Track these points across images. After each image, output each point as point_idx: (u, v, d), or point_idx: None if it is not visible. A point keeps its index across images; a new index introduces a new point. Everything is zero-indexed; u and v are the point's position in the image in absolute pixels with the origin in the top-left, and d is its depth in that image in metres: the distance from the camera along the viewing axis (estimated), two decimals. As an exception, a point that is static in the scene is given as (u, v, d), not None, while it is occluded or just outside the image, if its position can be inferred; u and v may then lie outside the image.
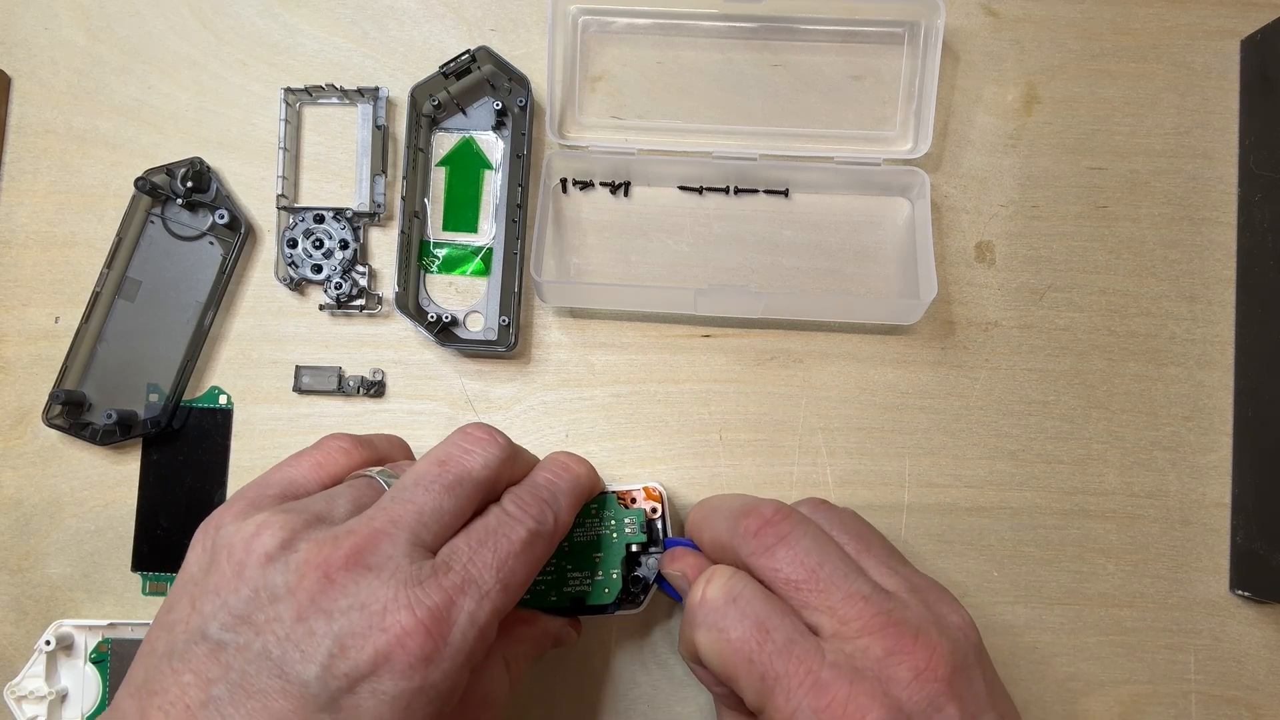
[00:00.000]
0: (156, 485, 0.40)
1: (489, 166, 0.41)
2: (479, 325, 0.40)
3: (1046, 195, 0.41)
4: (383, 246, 0.41)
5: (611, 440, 0.40)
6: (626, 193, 0.41)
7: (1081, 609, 0.39)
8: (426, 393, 0.40)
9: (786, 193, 0.41)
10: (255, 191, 0.41)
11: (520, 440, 0.39)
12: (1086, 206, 0.41)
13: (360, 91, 0.41)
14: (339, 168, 0.41)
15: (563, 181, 0.41)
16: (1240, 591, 0.38)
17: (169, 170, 0.40)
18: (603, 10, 0.41)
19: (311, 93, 0.41)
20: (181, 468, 0.40)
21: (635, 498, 0.35)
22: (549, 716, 0.38)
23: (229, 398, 0.40)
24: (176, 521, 0.39)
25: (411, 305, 0.40)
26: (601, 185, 0.41)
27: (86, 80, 0.42)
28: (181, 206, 0.40)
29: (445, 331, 0.40)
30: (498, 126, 0.41)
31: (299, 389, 0.40)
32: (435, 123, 0.41)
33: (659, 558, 0.35)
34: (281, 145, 0.40)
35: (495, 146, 0.41)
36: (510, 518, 0.29)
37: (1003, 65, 0.41)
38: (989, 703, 0.28)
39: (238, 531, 0.26)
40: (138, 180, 0.39)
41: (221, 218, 0.39)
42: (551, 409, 0.40)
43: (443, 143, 0.41)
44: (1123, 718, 0.38)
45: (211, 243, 0.40)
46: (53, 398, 0.38)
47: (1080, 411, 0.40)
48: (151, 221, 0.40)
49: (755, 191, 0.41)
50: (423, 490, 0.28)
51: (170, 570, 0.39)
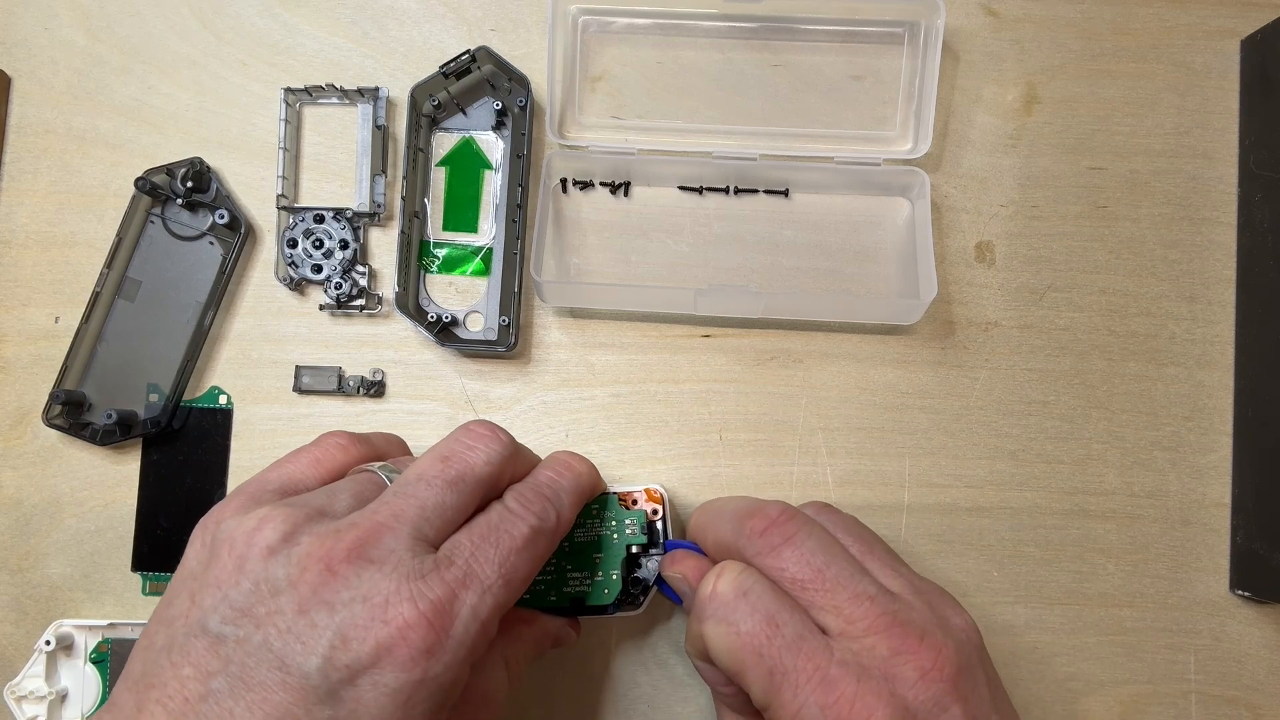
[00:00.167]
0: (156, 485, 0.40)
1: (489, 166, 0.41)
2: (479, 325, 0.40)
3: (1046, 195, 0.41)
4: (383, 246, 0.41)
5: (611, 440, 0.40)
6: (626, 193, 0.41)
7: (1081, 609, 0.39)
8: (426, 393, 0.40)
9: (786, 193, 0.41)
10: (255, 191, 0.41)
11: (520, 440, 0.39)
12: (1086, 206, 0.41)
13: (360, 91, 0.41)
14: (339, 168, 0.41)
15: (563, 181, 0.41)
16: (1240, 591, 0.38)
17: (169, 170, 0.40)
18: (603, 10, 0.41)
19: (311, 93, 0.41)
20: (181, 468, 0.40)
21: (636, 499, 0.35)
22: (549, 717, 0.38)
23: (229, 398, 0.40)
24: (176, 521, 0.39)
25: (411, 305, 0.40)
26: (601, 185, 0.41)
27: (86, 80, 0.42)
28: (181, 206, 0.40)
29: (445, 331, 0.40)
30: (498, 126, 0.41)
31: (299, 389, 0.40)
32: (435, 123, 0.41)
33: (659, 560, 0.35)
34: (281, 145, 0.40)
35: (495, 146, 0.41)
36: (512, 514, 0.29)
37: (1003, 65, 0.41)
38: (992, 704, 0.28)
39: (238, 525, 0.26)
40: (138, 180, 0.39)
41: (221, 218, 0.39)
42: (551, 409, 0.40)
43: (443, 143, 0.41)
44: (1123, 718, 0.38)
45: (211, 243, 0.40)
46: (53, 398, 0.38)
47: (1080, 411, 0.40)
48: (151, 221, 0.40)
49: (755, 191, 0.41)
50: (425, 485, 0.28)
51: (170, 570, 0.39)
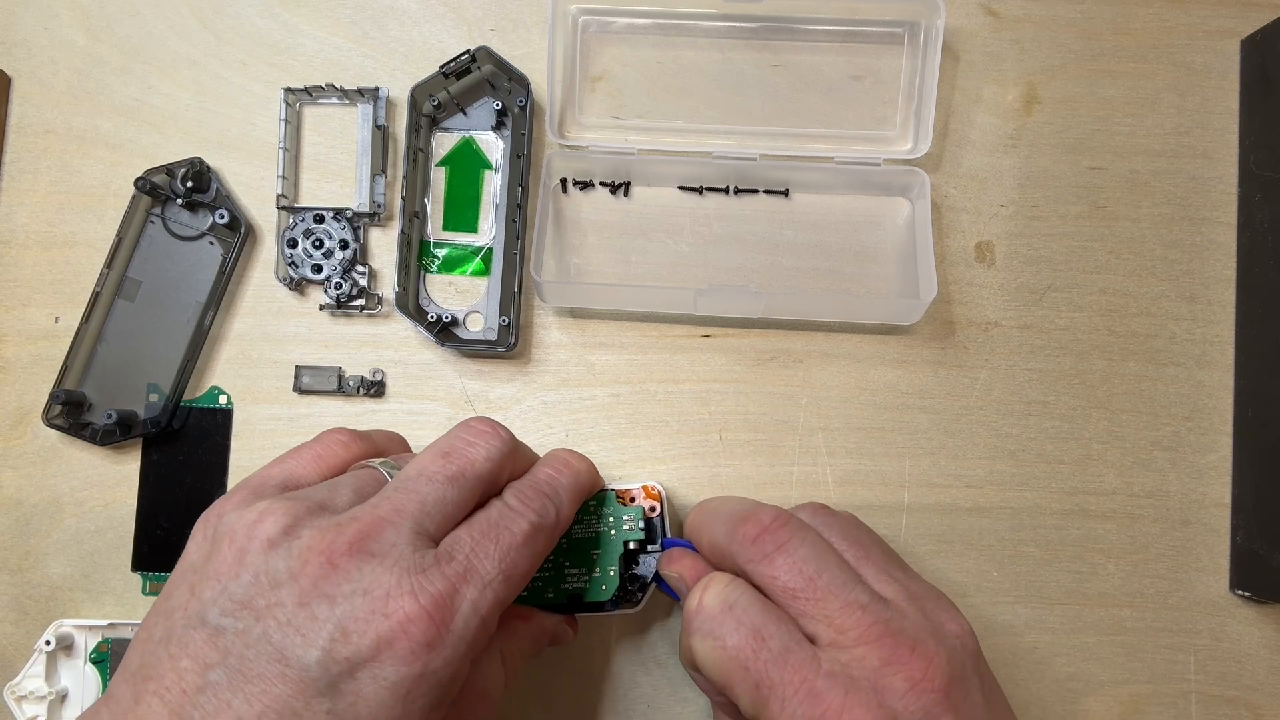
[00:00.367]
0: (156, 485, 0.40)
1: (489, 166, 0.41)
2: (479, 325, 0.40)
3: (1046, 195, 0.41)
4: (383, 246, 0.41)
5: (611, 440, 0.40)
6: (626, 193, 0.41)
7: (1081, 609, 0.39)
8: (426, 393, 0.40)
9: (786, 193, 0.41)
10: (255, 191, 0.41)
11: (520, 440, 0.39)
12: (1086, 206, 0.41)
13: (360, 91, 0.41)
14: (339, 168, 0.41)
15: (563, 181, 0.41)
16: (1240, 591, 0.38)
17: (169, 170, 0.40)
18: (603, 10, 0.41)
19: (311, 93, 0.41)
20: (181, 468, 0.40)
21: (634, 496, 0.35)
22: (549, 717, 0.38)
23: (229, 398, 0.40)
24: (176, 521, 0.39)
25: (411, 305, 0.40)
26: (601, 185, 0.41)
27: (86, 80, 0.42)
28: (181, 206, 0.40)
29: (445, 331, 0.40)
30: (498, 126, 0.41)
31: (299, 389, 0.40)
32: (435, 123, 0.41)
33: (657, 558, 0.35)
34: (281, 145, 0.40)
35: (495, 146, 0.41)
36: (512, 511, 0.29)
37: (1003, 65, 0.41)
38: (985, 713, 0.28)
39: (240, 518, 0.26)
40: (138, 180, 0.39)
41: (221, 218, 0.39)
42: (551, 409, 0.40)
43: (443, 143, 0.41)
44: (1123, 718, 0.38)
45: (211, 243, 0.40)
46: (53, 398, 0.38)
47: (1080, 411, 0.40)
48: (151, 221, 0.40)
49: (755, 191, 0.41)
50: (426, 481, 0.28)
51: (170, 570, 0.39)
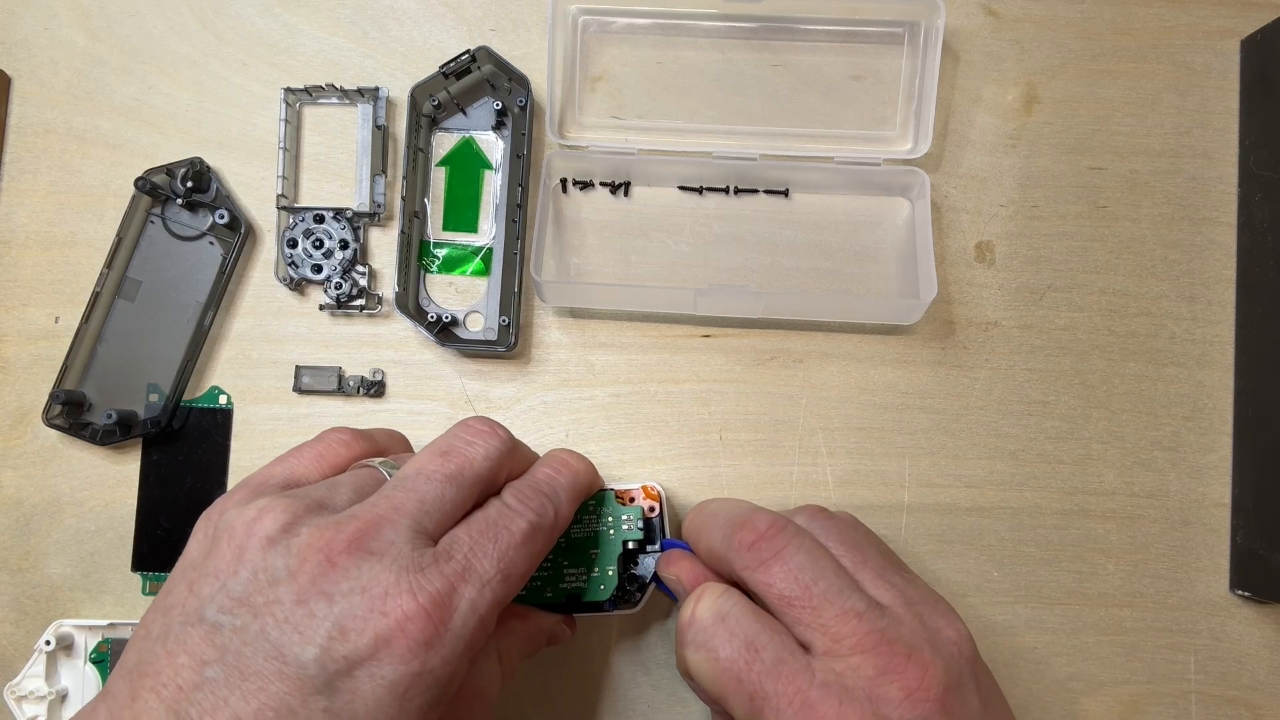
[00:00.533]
0: (156, 485, 0.40)
1: (489, 166, 0.41)
2: (479, 325, 0.40)
3: (1046, 195, 0.41)
4: (383, 246, 0.41)
5: (611, 440, 0.40)
6: (626, 193, 0.41)
7: (1081, 609, 0.39)
8: (426, 393, 0.40)
9: (786, 193, 0.41)
10: (255, 191, 0.41)
11: (520, 440, 0.39)
12: (1086, 206, 0.41)
13: (360, 91, 0.41)
14: (339, 168, 0.41)
15: (563, 181, 0.41)
16: (1240, 591, 0.38)
17: (169, 170, 0.40)
18: (603, 10, 0.41)
19: (311, 93, 0.41)
20: (181, 468, 0.40)
21: (634, 496, 0.35)
22: (549, 717, 0.38)
23: (229, 398, 0.40)
24: (176, 521, 0.39)
25: (411, 305, 0.40)
26: (601, 185, 0.41)
27: (86, 80, 0.42)
28: (181, 206, 0.40)
29: (445, 331, 0.40)
30: (498, 126, 0.41)
31: (299, 389, 0.40)
32: (435, 123, 0.41)
33: (656, 559, 0.35)
34: (281, 145, 0.40)
35: (495, 146, 0.41)
36: (511, 510, 0.29)
37: (1003, 65, 0.41)
38: (988, 714, 0.28)
39: (239, 516, 0.26)
40: (138, 180, 0.39)
41: (221, 218, 0.39)
42: (551, 409, 0.40)
43: (443, 143, 0.41)
44: (1123, 718, 0.38)
45: (211, 243, 0.40)
46: (53, 398, 0.38)
47: (1080, 411, 0.40)
48: (151, 221, 0.40)
49: (755, 191, 0.41)
50: (425, 479, 0.28)
51: (170, 570, 0.39)
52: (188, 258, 0.40)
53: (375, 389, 0.40)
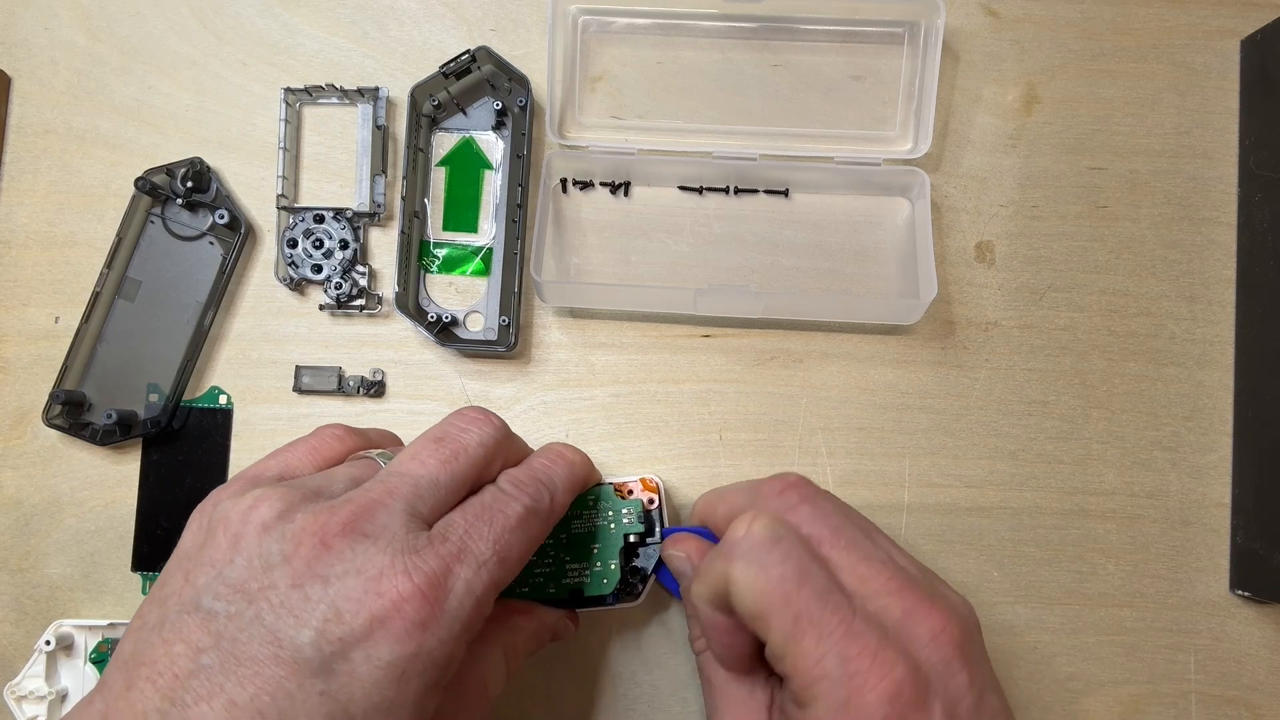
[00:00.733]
0: (156, 485, 0.40)
1: (489, 166, 0.41)
2: (479, 325, 0.40)
3: (1046, 195, 0.41)
4: (383, 246, 0.41)
5: (611, 440, 0.40)
6: (626, 193, 0.41)
7: (1081, 609, 0.39)
8: (426, 393, 0.40)
9: (786, 193, 0.41)
10: (255, 191, 0.41)
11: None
12: (1086, 206, 0.41)
13: (360, 91, 0.41)
14: (339, 168, 0.41)
15: (563, 181, 0.41)
16: (1240, 591, 0.38)
17: (169, 170, 0.40)
18: (603, 10, 0.41)
19: (311, 93, 0.41)
20: (181, 468, 0.40)
21: (632, 489, 0.35)
22: (550, 716, 0.38)
23: (229, 398, 0.40)
24: (176, 521, 0.39)
25: (411, 305, 0.40)
26: (601, 185, 0.41)
27: (86, 80, 0.42)
28: (181, 206, 0.40)
29: (445, 331, 0.40)
30: (498, 126, 0.41)
31: (299, 389, 0.40)
32: (435, 123, 0.41)
33: (660, 544, 0.35)
34: (281, 145, 0.40)
35: (495, 146, 0.41)
36: (506, 495, 0.29)
37: (1003, 65, 0.41)
38: (993, 681, 0.28)
39: (235, 505, 0.26)
40: (138, 180, 0.39)
41: (221, 218, 0.39)
42: (551, 409, 0.40)
43: (443, 143, 0.41)
44: (1123, 718, 0.38)
45: (211, 243, 0.40)
46: (53, 398, 0.38)
47: (1080, 411, 0.40)
48: (151, 221, 0.40)
49: (755, 191, 0.41)
50: (419, 464, 0.28)
51: (170, 570, 0.39)
52: (188, 258, 0.40)
53: (375, 389, 0.40)
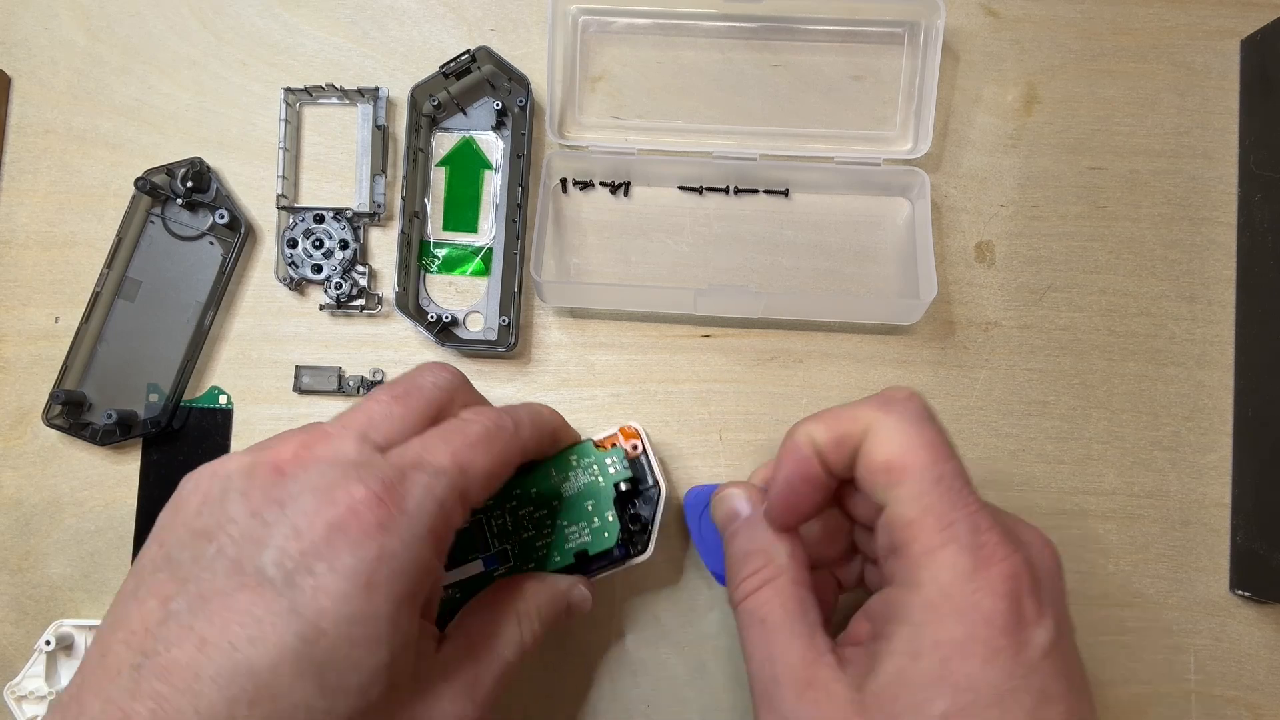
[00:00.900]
0: (156, 485, 0.40)
1: (489, 166, 0.41)
2: (479, 325, 0.40)
3: (1046, 195, 0.41)
4: (383, 246, 0.41)
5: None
6: (626, 193, 0.41)
7: (1081, 609, 0.38)
8: (426, 393, 0.40)
9: (786, 193, 0.41)
10: (255, 191, 0.41)
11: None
12: (1086, 206, 0.41)
13: (360, 91, 0.41)
14: (339, 168, 0.41)
15: (563, 181, 0.41)
16: (1240, 591, 0.38)
17: (169, 170, 0.40)
18: (603, 10, 0.41)
19: (311, 93, 0.41)
20: (181, 468, 0.39)
21: (614, 441, 0.35)
22: (549, 716, 0.38)
23: (229, 398, 0.40)
24: (176, 521, 0.39)
25: (411, 305, 0.40)
26: (601, 185, 0.41)
27: (86, 80, 0.42)
28: (181, 206, 0.40)
29: (445, 331, 0.40)
30: (498, 126, 0.41)
31: (299, 389, 0.40)
32: (435, 123, 0.41)
33: (708, 500, 0.33)
34: (281, 145, 0.40)
35: (495, 146, 0.41)
36: (464, 420, 0.29)
37: (1003, 65, 0.41)
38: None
39: (200, 470, 0.27)
40: (138, 180, 0.39)
41: (221, 218, 0.39)
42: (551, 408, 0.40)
43: (443, 143, 0.41)
44: (1123, 718, 0.38)
45: (211, 243, 0.40)
46: (53, 398, 0.38)
47: (1080, 411, 0.40)
48: (151, 221, 0.40)
49: (755, 191, 0.41)
50: (372, 401, 0.28)
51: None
52: (188, 258, 0.40)
53: (375, 389, 0.40)
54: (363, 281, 0.40)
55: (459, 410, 0.30)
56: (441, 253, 0.41)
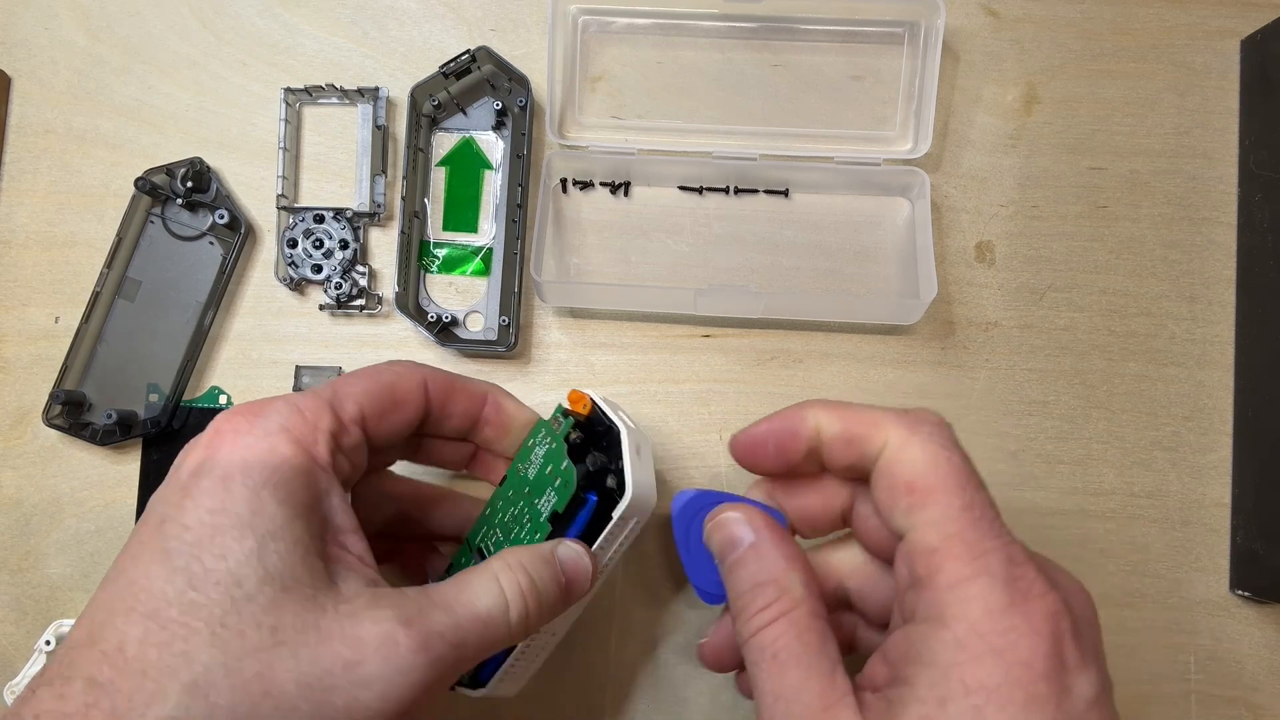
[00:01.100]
0: (156, 485, 0.39)
1: (489, 166, 0.41)
2: (479, 325, 0.40)
3: (1046, 195, 0.41)
4: (383, 246, 0.41)
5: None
6: (626, 193, 0.41)
7: (1081, 609, 0.39)
8: (426, 393, 0.40)
9: (786, 193, 0.41)
10: (255, 191, 0.41)
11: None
12: (1086, 206, 0.41)
13: (360, 91, 0.41)
14: (339, 168, 0.41)
15: (563, 181, 0.41)
16: (1240, 591, 0.38)
17: (169, 170, 0.40)
18: (603, 10, 0.41)
19: (311, 93, 0.41)
20: (181, 468, 0.40)
21: (566, 411, 0.33)
22: (549, 715, 0.38)
23: (229, 398, 0.40)
24: (176, 521, 0.39)
25: (411, 305, 0.40)
26: (601, 185, 0.41)
27: (86, 80, 0.42)
28: (181, 206, 0.40)
29: (445, 331, 0.40)
30: (498, 126, 0.41)
31: (299, 389, 0.40)
32: (435, 123, 0.41)
33: (699, 509, 0.31)
34: (281, 145, 0.40)
35: (495, 146, 0.41)
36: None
37: (1003, 65, 0.41)
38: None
39: None
40: (138, 180, 0.39)
41: (221, 218, 0.39)
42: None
43: (443, 143, 0.41)
44: (1122, 718, 0.38)
45: (211, 243, 0.40)
46: (53, 398, 0.38)
47: (1080, 411, 0.40)
48: (151, 221, 0.40)
49: (755, 191, 0.41)
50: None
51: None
52: (188, 258, 0.40)
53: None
54: (363, 281, 0.40)
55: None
56: (441, 253, 0.41)
